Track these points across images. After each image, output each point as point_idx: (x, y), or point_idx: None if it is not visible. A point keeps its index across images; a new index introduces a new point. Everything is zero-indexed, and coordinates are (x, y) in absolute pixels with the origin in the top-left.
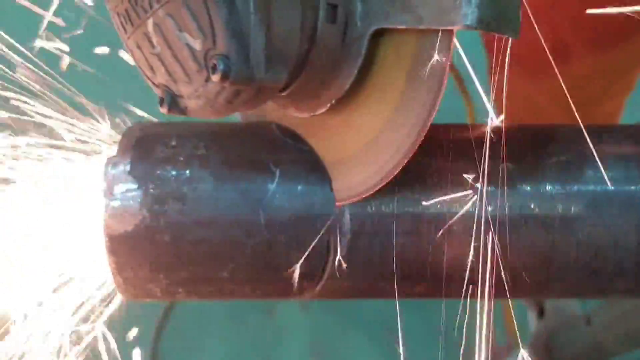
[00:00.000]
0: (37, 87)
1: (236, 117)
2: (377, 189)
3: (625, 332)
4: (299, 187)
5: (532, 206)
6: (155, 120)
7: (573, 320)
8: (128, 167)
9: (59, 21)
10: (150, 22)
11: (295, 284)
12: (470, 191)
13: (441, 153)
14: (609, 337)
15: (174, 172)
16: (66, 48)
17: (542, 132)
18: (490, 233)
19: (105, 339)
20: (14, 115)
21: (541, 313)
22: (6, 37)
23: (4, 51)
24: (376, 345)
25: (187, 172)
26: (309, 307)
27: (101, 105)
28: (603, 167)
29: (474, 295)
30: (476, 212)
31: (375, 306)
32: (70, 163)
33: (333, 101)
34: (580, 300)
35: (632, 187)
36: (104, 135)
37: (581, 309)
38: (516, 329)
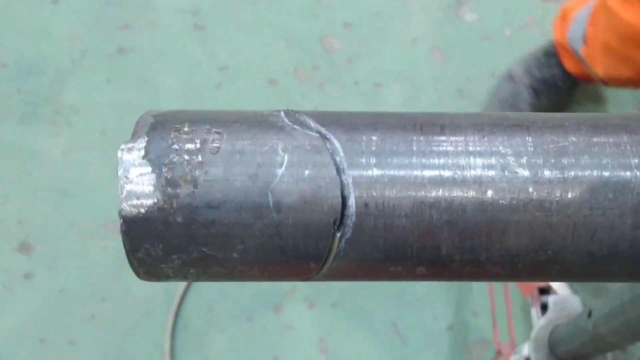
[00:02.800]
0: None
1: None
2: None
3: (623, 323)
4: (307, 172)
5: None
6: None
7: (576, 314)
8: (142, 152)
9: None
10: None
11: (303, 265)
12: None
13: None
14: (609, 329)
15: (186, 157)
16: None
17: None
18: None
19: None
20: None
21: (544, 308)
22: None
23: None
24: (383, 342)
25: (200, 157)
26: (316, 304)
27: None
28: None
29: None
30: None
31: (382, 303)
32: None
33: None
34: (582, 295)
35: None
36: None
37: (583, 305)
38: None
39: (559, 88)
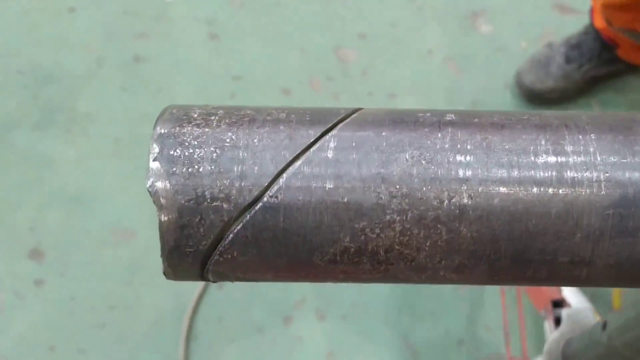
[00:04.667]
0: None
1: None
2: None
3: (639, 335)
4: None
5: None
6: None
7: (590, 326)
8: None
9: None
10: None
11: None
12: None
13: None
14: (624, 342)
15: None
16: None
17: None
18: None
19: None
20: None
21: (557, 322)
22: None
23: None
24: (394, 355)
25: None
26: (326, 316)
27: None
28: None
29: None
30: None
31: (393, 316)
32: None
33: None
34: (595, 308)
35: None
36: None
37: (595, 317)
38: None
39: (592, 59)
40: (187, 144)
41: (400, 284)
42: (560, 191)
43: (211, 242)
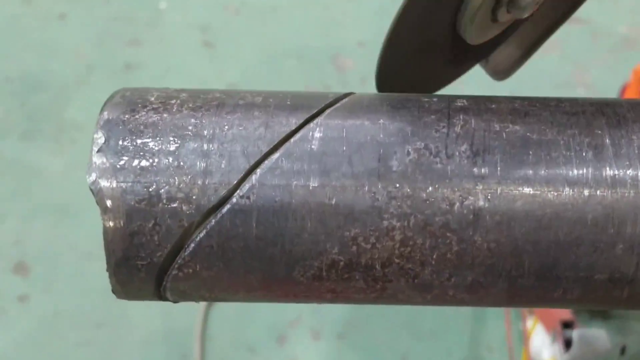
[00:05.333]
0: None
1: None
2: None
3: None
4: None
5: None
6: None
7: (604, 350)
8: None
9: None
10: None
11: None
12: None
13: None
14: None
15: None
16: None
17: None
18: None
19: None
20: None
21: (568, 345)
22: None
23: None
24: None
25: None
26: (321, 335)
27: None
28: None
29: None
30: None
31: (391, 335)
32: None
33: None
34: (608, 331)
35: None
36: None
37: (610, 340)
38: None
39: None
40: (139, 132)
41: (399, 305)
42: (598, 192)
43: (168, 252)
